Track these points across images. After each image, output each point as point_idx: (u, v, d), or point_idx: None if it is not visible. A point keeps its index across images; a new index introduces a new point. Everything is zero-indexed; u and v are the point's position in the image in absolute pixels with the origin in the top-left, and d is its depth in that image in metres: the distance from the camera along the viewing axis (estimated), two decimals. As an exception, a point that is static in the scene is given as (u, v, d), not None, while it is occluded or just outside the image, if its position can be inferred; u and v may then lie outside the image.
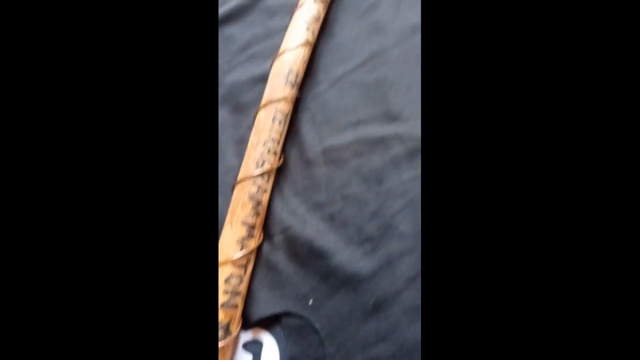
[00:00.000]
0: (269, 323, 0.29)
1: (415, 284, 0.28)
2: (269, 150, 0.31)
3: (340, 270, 0.29)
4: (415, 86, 0.35)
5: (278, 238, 0.30)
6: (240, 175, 0.30)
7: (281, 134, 0.32)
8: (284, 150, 0.34)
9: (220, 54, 0.39)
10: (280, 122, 0.32)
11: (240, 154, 0.33)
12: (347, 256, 0.29)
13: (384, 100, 0.35)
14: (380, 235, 0.30)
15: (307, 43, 0.35)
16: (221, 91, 0.37)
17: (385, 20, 0.38)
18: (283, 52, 0.34)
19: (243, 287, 0.28)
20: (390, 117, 0.34)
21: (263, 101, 0.33)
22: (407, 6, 0.39)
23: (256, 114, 0.33)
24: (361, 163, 0.33)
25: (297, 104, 0.36)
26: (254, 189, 0.30)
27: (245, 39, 0.39)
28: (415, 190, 0.31)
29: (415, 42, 0.37)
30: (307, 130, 0.35)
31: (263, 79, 0.36)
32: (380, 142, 0.33)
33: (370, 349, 0.27)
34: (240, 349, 0.28)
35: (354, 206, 0.31)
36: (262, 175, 0.30)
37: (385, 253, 0.29)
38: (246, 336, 0.29)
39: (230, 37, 0.40)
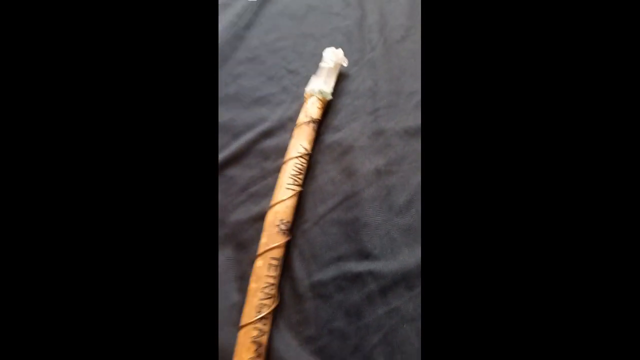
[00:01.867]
0: None
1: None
2: (266, 296, 0.37)
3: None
4: (383, 226, 0.42)
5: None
6: (243, 321, 0.36)
7: (276, 277, 0.39)
8: (279, 288, 0.40)
9: (224, 194, 0.47)
10: (275, 267, 0.39)
11: (243, 290, 0.39)
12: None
13: (359, 239, 0.42)
14: (361, 366, 0.36)
15: (295, 194, 0.43)
16: (226, 230, 0.44)
17: (356, 164, 0.46)
18: (275, 204, 0.42)
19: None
20: (364, 254, 0.41)
21: (260, 250, 0.40)
22: (374, 151, 0.47)
23: (255, 259, 0.40)
24: (343, 298, 0.39)
25: (289, 242, 0.43)
26: (255, 333, 0.36)
27: (245, 180, 0.47)
28: (389, 323, 0.37)
29: (384, 183, 0.44)
30: (297, 265, 0.42)
31: (261, 217, 0.43)
32: (357, 278, 0.40)
33: None
34: None
35: (339, 340, 0.37)
36: (261, 319, 0.36)
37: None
38: None
39: (231, 179, 0.48)
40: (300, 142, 0.45)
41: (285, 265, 0.42)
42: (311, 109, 0.48)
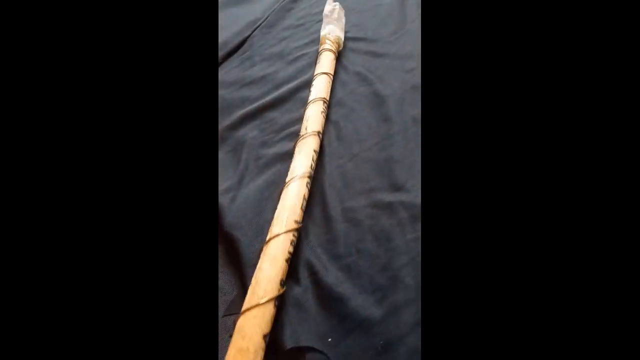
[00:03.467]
0: (293, 358, 0.34)
1: (417, 330, 0.33)
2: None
3: (354, 314, 0.35)
4: (415, 165, 0.44)
5: (306, 281, 0.37)
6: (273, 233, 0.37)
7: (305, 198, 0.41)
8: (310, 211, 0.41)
9: (264, 132, 0.50)
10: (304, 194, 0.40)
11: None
12: (360, 302, 0.35)
13: (391, 174, 0.44)
14: (389, 285, 0.36)
15: (317, 134, 0.46)
16: (264, 160, 0.47)
17: (392, 113, 0.49)
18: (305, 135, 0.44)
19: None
20: (396, 187, 0.42)
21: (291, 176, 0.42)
22: (409, 103, 0.50)
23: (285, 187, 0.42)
24: (373, 223, 0.40)
25: (323, 173, 0.45)
26: (288, 242, 0.37)
27: (284, 121, 0.50)
28: (416, 248, 0.37)
29: (416, 131, 0.47)
30: (329, 193, 0.43)
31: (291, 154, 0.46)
32: (388, 207, 0.41)
33: (380, 386, 0.31)
34: (268, 380, 0.33)
35: (367, 259, 0.38)
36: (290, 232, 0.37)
37: (392, 301, 0.35)
38: (274, 368, 0.33)
39: (272, 120, 0.51)
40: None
41: (317, 193, 0.43)
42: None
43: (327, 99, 0.51)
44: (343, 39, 0.60)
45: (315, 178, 0.45)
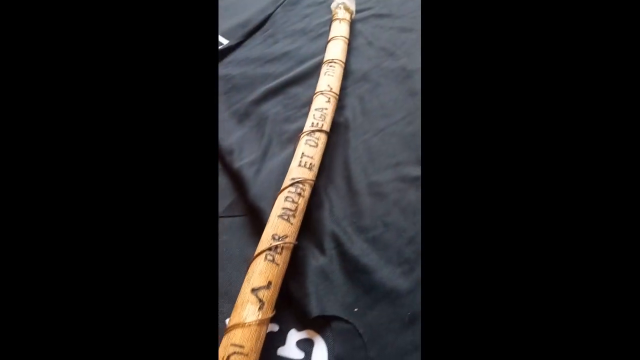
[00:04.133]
0: (320, 326, 0.34)
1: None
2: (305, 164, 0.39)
3: (381, 285, 0.34)
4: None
5: (331, 252, 0.36)
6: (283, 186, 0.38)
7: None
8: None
9: (287, 108, 0.50)
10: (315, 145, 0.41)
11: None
12: (387, 273, 0.35)
13: (418, 148, 0.42)
14: (416, 259, 0.35)
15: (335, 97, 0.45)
16: (288, 135, 0.47)
17: (419, 87, 0.48)
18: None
19: (275, 277, 0.31)
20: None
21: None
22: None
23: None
24: (400, 197, 0.39)
25: (348, 147, 0.44)
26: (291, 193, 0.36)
27: (307, 97, 0.50)
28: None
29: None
30: (354, 167, 0.42)
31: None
32: (415, 181, 0.40)
33: (407, 356, 0.31)
34: (294, 347, 0.33)
35: (393, 232, 0.37)
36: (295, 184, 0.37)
37: (420, 274, 0.34)
38: (300, 336, 0.34)
39: (295, 95, 0.51)
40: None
41: (342, 167, 0.43)
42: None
43: (344, 61, 0.51)
44: (354, 9, 0.59)
45: (340, 152, 0.45)
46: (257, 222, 0.39)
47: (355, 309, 0.33)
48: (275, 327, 0.34)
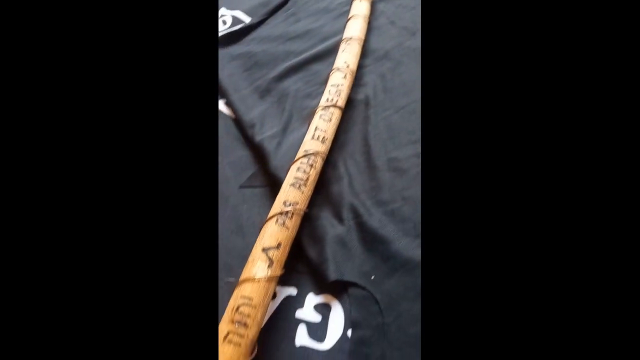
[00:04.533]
0: (337, 291, 0.35)
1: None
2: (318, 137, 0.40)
3: (398, 255, 0.35)
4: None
5: (350, 223, 0.37)
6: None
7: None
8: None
9: (308, 84, 0.50)
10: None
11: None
12: (404, 245, 0.35)
13: (440, 126, 0.42)
14: (433, 232, 0.36)
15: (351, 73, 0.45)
16: (309, 111, 0.47)
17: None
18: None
19: (284, 240, 0.33)
20: (445, 139, 0.41)
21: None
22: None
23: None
24: (419, 172, 0.39)
25: (368, 124, 0.45)
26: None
27: (327, 74, 0.50)
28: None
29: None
30: (374, 143, 0.43)
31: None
32: (435, 158, 0.40)
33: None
34: (311, 310, 0.34)
35: (412, 207, 0.38)
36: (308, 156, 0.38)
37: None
38: (318, 300, 0.35)
39: (316, 73, 0.51)
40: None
41: (362, 143, 0.43)
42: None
43: (362, 39, 0.51)
44: None
45: (359, 129, 0.45)
46: (276, 192, 0.41)
47: (373, 277, 0.34)
48: (294, 291, 0.36)
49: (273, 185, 0.41)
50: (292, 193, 0.36)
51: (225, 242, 0.39)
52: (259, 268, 0.31)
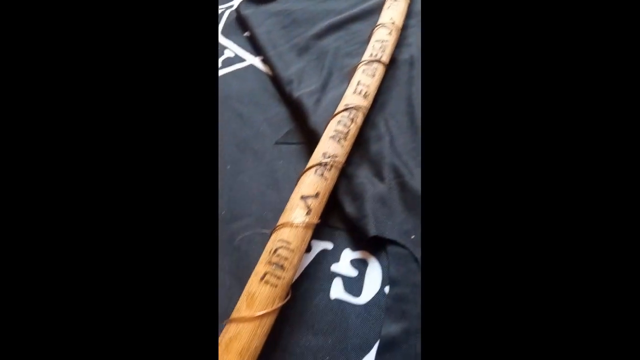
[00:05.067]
0: (375, 248, 0.34)
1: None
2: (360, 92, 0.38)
3: (440, 217, 0.33)
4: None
5: (391, 182, 0.36)
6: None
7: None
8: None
9: (348, 43, 0.48)
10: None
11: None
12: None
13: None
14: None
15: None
16: (349, 70, 0.45)
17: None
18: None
19: (322, 190, 0.32)
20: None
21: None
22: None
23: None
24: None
25: (412, 85, 0.43)
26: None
27: (369, 33, 0.48)
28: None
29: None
30: (418, 104, 0.41)
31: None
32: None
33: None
34: (347, 264, 0.34)
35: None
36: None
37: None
38: (354, 255, 0.34)
39: (357, 32, 0.49)
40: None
41: (405, 104, 0.42)
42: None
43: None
44: None
45: (402, 90, 0.43)
46: (314, 150, 0.40)
47: (413, 237, 0.33)
48: (329, 245, 0.35)
49: (310, 142, 0.40)
50: (332, 145, 0.35)
51: (260, 196, 0.39)
52: (298, 214, 0.31)
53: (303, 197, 0.32)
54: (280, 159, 0.41)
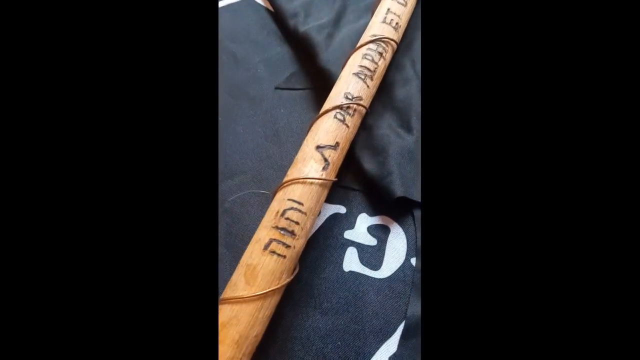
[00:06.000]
0: (398, 213, 0.28)
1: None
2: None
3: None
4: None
5: (419, 133, 0.29)
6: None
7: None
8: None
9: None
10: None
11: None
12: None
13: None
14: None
15: None
16: (367, 3, 0.38)
17: None
18: None
19: (343, 140, 0.26)
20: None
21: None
22: None
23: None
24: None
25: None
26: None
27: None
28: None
29: None
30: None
31: None
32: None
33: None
34: (364, 231, 0.28)
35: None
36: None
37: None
38: (373, 221, 0.28)
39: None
40: None
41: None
42: None
43: None
44: None
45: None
46: (325, 95, 0.33)
47: (445, 200, 0.28)
48: (341, 209, 0.29)
49: (321, 85, 0.33)
50: (356, 84, 0.28)
51: (257, 150, 0.32)
52: (312, 168, 0.24)
53: (319, 147, 0.25)
54: (281, 107, 0.34)
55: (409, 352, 0.24)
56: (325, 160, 0.25)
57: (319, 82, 0.33)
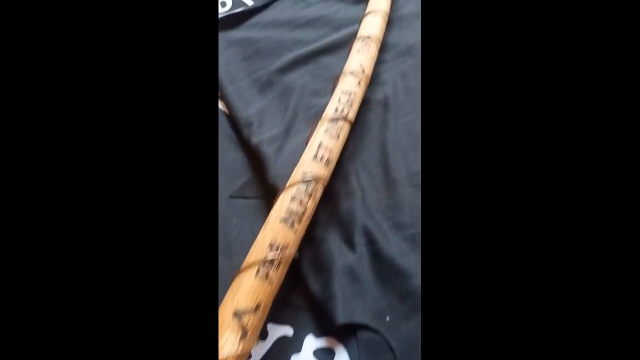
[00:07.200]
0: (343, 334, 0.29)
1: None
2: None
3: (419, 293, 0.29)
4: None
5: (362, 249, 0.31)
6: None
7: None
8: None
9: (319, 79, 0.43)
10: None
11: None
12: (426, 280, 0.29)
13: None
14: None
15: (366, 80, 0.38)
16: (316, 110, 0.40)
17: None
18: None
19: (266, 298, 0.25)
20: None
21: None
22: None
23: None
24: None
25: (386, 130, 0.38)
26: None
27: (340, 69, 0.43)
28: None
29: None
30: (393, 153, 0.37)
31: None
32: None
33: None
34: (310, 356, 0.28)
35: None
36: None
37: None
38: (318, 343, 0.29)
39: (326, 66, 0.45)
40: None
41: (378, 152, 0.37)
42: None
43: (381, 39, 0.43)
44: None
45: (375, 136, 0.39)
46: (272, 206, 0.34)
47: (388, 318, 0.28)
48: (289, 331, 0.29)
49: (269, 197, 0.35)
50: (282, 232, 0.27)
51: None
52: (228, 341, 0.22)
53: (237, 314, 0.23)
54: (234, 216, 0.35)
55: None
56: (244, 328, 0.23)
57: (269, 194, 0.35)
